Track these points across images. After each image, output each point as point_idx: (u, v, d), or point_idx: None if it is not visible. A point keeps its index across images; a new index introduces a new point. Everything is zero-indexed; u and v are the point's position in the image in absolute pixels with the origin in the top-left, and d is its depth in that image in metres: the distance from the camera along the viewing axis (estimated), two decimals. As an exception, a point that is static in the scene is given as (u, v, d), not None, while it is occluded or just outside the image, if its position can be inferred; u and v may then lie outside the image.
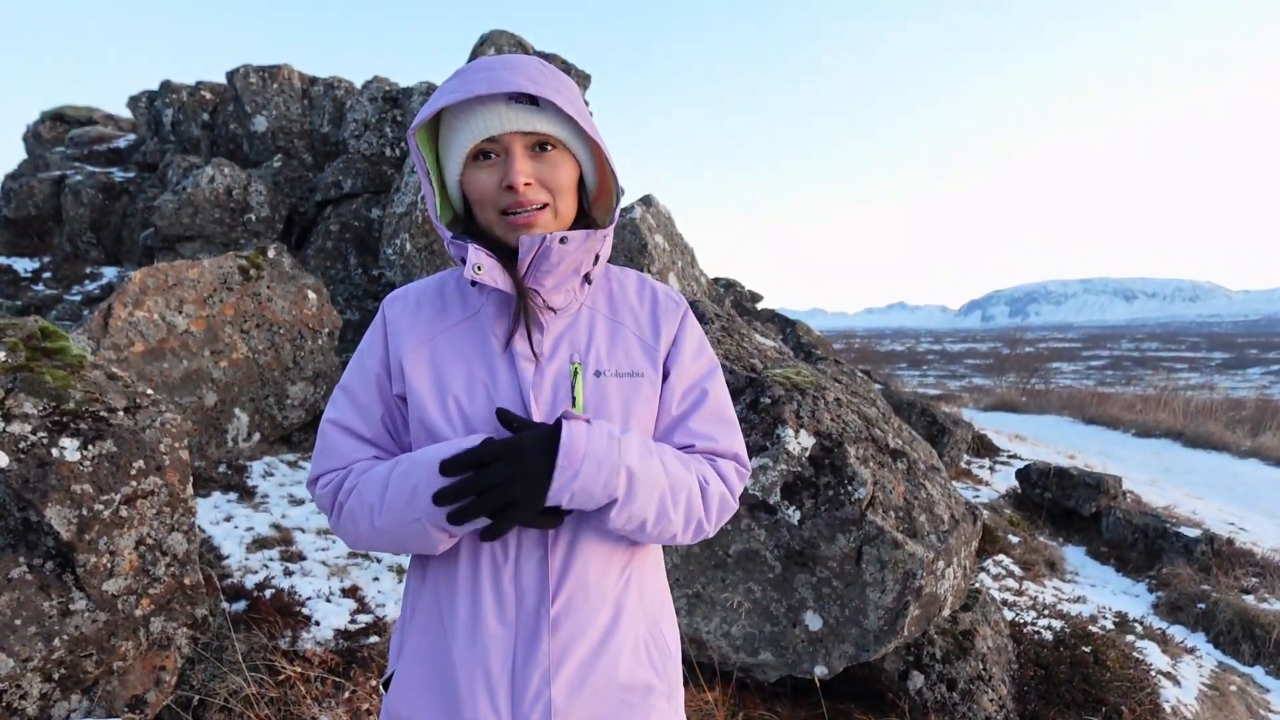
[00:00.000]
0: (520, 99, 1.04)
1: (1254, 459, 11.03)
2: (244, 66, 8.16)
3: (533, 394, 1.07)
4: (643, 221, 5.50)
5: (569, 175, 1.08)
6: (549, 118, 1.05)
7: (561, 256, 1.07)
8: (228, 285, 4.62)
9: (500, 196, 1.06)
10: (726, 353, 3.14)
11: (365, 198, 7.31)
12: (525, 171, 1.04)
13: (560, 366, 1.09)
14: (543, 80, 1.04)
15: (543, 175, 1.06)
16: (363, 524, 1.06)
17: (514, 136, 1.04)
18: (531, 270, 1.08)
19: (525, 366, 1.08)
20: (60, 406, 2.33)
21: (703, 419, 1.17)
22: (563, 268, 1.09)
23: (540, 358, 1.09)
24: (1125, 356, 51.55)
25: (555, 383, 1.08)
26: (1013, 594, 4.50)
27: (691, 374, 1.19)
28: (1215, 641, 4.45)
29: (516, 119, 1.03)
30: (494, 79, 1.02)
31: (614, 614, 1.09)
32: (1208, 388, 22.27)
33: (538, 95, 1.02)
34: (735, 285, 9.61)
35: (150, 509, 2.40)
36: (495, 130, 1.03)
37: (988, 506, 6.41)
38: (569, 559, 1.07)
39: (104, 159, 10.30)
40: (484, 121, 1.04)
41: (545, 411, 1.07)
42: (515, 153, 1.04)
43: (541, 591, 1.05)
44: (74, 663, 2.24)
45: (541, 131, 1.04)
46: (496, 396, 1.07)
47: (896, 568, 2.60)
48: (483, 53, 6.36)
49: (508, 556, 1.06)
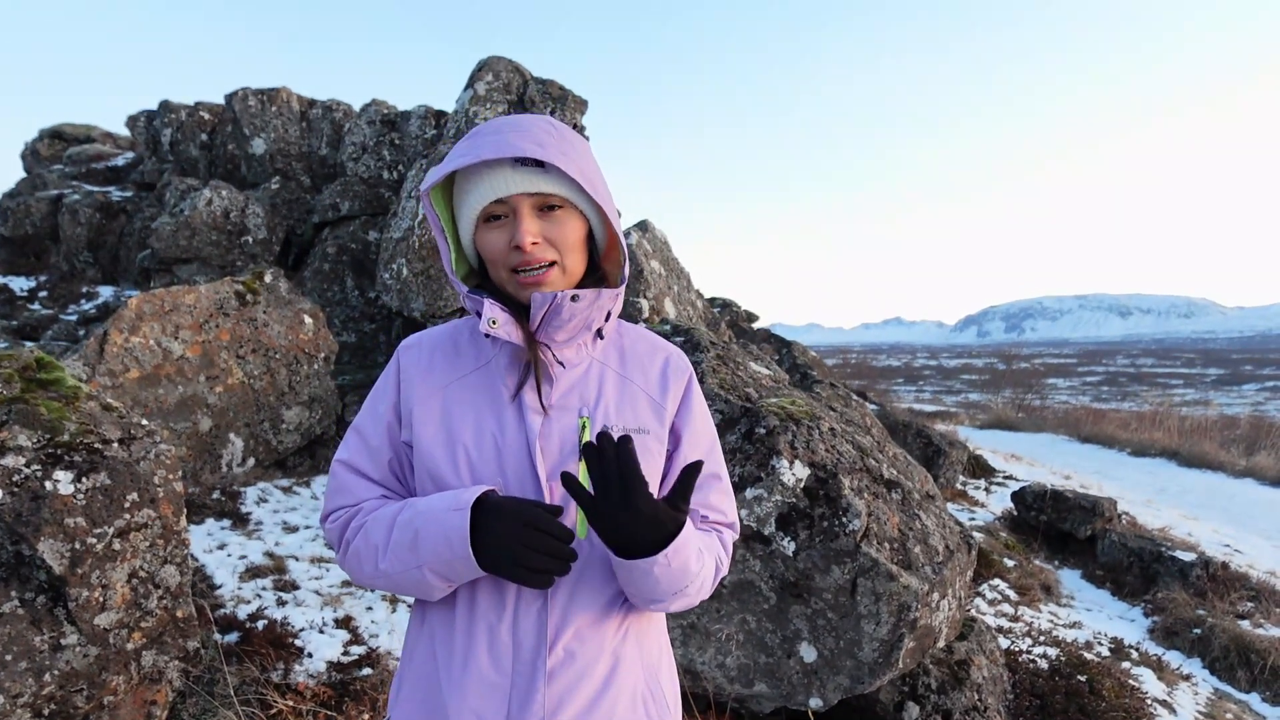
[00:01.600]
0: (527, 162, 1.07)
1: (1249, 478, 11.04)
2: (243, 89, 8.21)
3: (539, 445, 1.09)
4: (639, 247, 5.53)
5: (576, 233, 1.11)
6: (554, 179, 1.08)
7: (573, 313, 1.10)
8: (224, 310, 4.63)
9: (510, 256, 1.09)
10: (722, 382, 3.15)
11: (363, 220, 7.34)
12: (532, 231, 1.07)
13: (569, 420, 1.11)
14: (549, 143, 1.07)
15: (550, 234, 1.09)
16: (367, 565, 1.09)
17: (521, 198, 1.07)
18: (544, 325, 1.11)
19: (534, 418, 1.10)
20: (55, 439, 2.33)
21: (719, 493, 1.23)
22: (574, 323, 1.11)
23: (549, 410, 1.11)
24: (1121, 372, 51.72)
25: (563, 435, 1.10)
26: (1008, 619, 4.49)
27: (704, 443, 1.23)
28: (1211, 668, 4.44)
29: (522, 182, 1.06)
30: (500, 143, 1.05)
31: (611, 666, 1.10)
32: (1203, 404, 22.34)
33: (543, 159, 1.05)
34: (731, 305, 9.64)
35: (143, 541, 2.39)
36: (502, 193, 1.07)
37: (983, 529, 6.40)
38: (568, 610, 1.08)
39: (102, 177, 10.33)
40: (491, 185, 1.07)
41: (552, 463, 1.09)
42: (523, 214, 1.07)
43: (539, 641, 1.06)
44: (64, 698, 2.23)
45: (547, 193, 1.07)
46: (504, 446, 1.09)
47: (891, 600, 2.60)
48: (480, 78, 6.41)
49: (506, 606, 1.07)
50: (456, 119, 6.52)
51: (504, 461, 1.09)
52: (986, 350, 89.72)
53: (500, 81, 6.40)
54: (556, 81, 6.48)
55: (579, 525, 1.07)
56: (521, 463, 1.08)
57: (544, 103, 6.39)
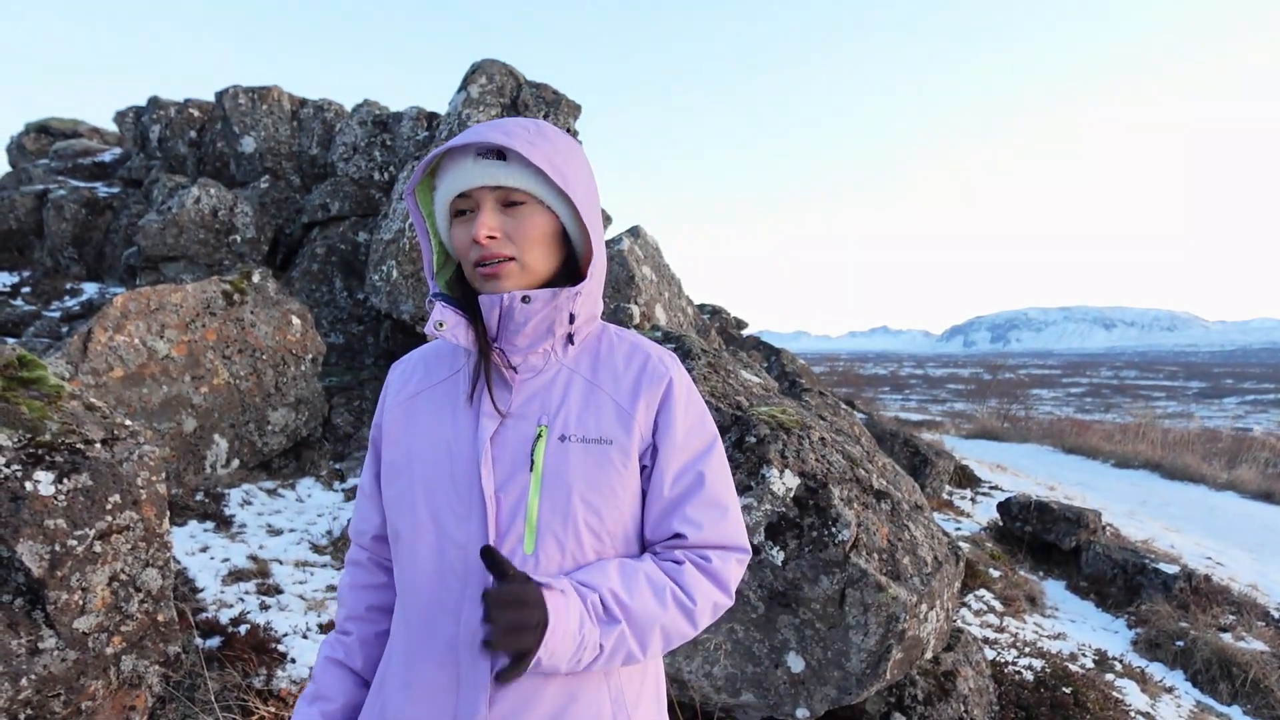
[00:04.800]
0: (489, 154, 1.04)
1: (1230, 491, 11.16)
2: (233, 87, 8.15)
3: (489, 453, 1.05)
4: (630, 253, 5.52)
5: (539, 229, 1.06)
6: (516, 171, 1.04)
7: (528, 315, 1.06)
8: (211, 310, 4.58)
9: (471, 250, 1.06)
10: (712, 390, 3.15)
11: (352, 221, 7.29)
12: (489, 225, 1.03)
13: (526, 429, 1.06)
14: (517, 134, 1.04)
15: (509, 229, 1.05)
16: None
17: (483, 192, 1.05)
18: (501, 329, 1.08)
19: (486, 424, 1.06)
20: (36, 438, 2.29)
21: (698, 506, 1.09)
22: (532, 327, 1.07)
23: (507, 417, 1.07)
24: (1104, 384, 52.15)
25: (516, 445, 1.05)
26: (994, 630, 4.50)
27: (685, 453, 1.11)
28: (1194, 680, 4.47)
29: (481, 174, 1.04)
30: (469, 134, 1.05)
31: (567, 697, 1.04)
32: (1185, 417, 22.55)
33: (504, 148, 1.03)
34: (721, 312, 9.65)
35: (125, 544, 2.35)
36: (464, 186, 1.05)
37: (969, 539, 6.43)
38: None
39: (88, 173, 10.22)
40: (454, 179, 1.06)
41: (503, 473, 1.04)
42: (484, 207, 1.05)
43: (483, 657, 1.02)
44: (41, 703, 2.18)
45: (506, 185, 1.04)
46: (456, 455, 1.06)
47: (880, 611, 2.60)
48: (474, 80, 6.39)
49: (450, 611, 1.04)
50: (449, 121, 6.50)
51: (455, 469, 1.05)
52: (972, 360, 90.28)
53: (494, 84, 6.38)
54: (550, 85, 6.48)
55: (527, 539, 1.03)
56: (471, 471, 1.04)
57: (537, 106, 6.38)
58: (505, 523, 1.03)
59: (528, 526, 1.03)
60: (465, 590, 1.03)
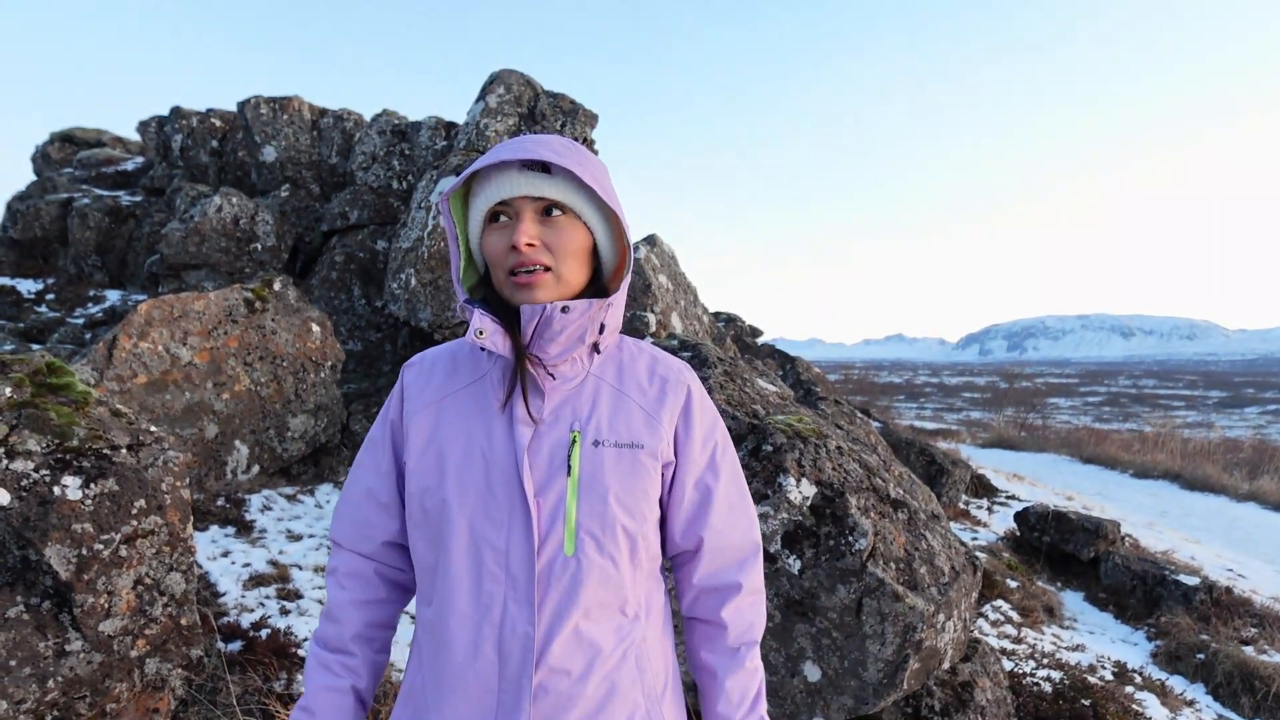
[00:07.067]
0: (534, 166, 1.08)
1: (1252, 502, 11.00)
2: (255, 97, 8.26)
3: (527, 459, 1.08)
4: (647, 262, 5.55)
5: (576, 242, 1.11)
6: (559, 185, 1.09)
7: (564, 325, 1.09)
8: (232, 318, 4.64)
9: (507, 257, 1.09)
10: (729, 398, 3.16)
11: (371, 229, 7.37)
12: (530, 233, 1.07)
13: (560, 434, 1.10)
14: (564, 152, 1.09)
15: (548, 239, 1.09)
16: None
17: (524, 200, 1.09)
18: (535, 337, 1.10)
19: (523, 430, 1.09)
20: (64, 444, 2.33)
21: (719, 511, 1.19)
22: (566, 335, 1.10)
23: (540, 423, 1.10)
24: (1123, 393, 51.62)
25: (552, 450, 1.09)
26: (1011, 641, 4.47)
27: (703, 459, 1.19)
28: (1215, 693, 4.41)
29: (527, 184, 1.08)
30: (516, 148, 1.08)
31: (606, 691, 1.07)
32: (1205, 426, 22.28)
33: (551, 163, 1.07)
34: (736, 320, 9.65)
35: (150, 548, 2.39)
36: (507, 194, 1.08)
37: (986, 549, 6.38)
38: (555, 627, 1.05)
39: (111, 181, 10.38)
40: (498, 187, 1.09)
41: (540, 477, 1.08)
42: (524, 215, 1.08)
43: (525, 657, 1.03)
44: (67, 704, 2.22)
45: (549, 197, 1.08)
46: (492, 460, 1.08)
47: (897, 620, 2.60)
48: (492, 90, 6.45)
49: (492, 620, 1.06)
50: (467, 130, 6.56)
51: (491, 475, 1.08)
52: (988, 368, 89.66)
53: (511, 94, 6.44)
54: (567, 95, 6.52)
55: (567, 541, 1.06)
56: (509, 477, 1.07)
57: (554, 116, 6.43)
58: (546, 526, 1.06)
59: (567, 530, 1.06)
60: (506, 593, 1.05)
